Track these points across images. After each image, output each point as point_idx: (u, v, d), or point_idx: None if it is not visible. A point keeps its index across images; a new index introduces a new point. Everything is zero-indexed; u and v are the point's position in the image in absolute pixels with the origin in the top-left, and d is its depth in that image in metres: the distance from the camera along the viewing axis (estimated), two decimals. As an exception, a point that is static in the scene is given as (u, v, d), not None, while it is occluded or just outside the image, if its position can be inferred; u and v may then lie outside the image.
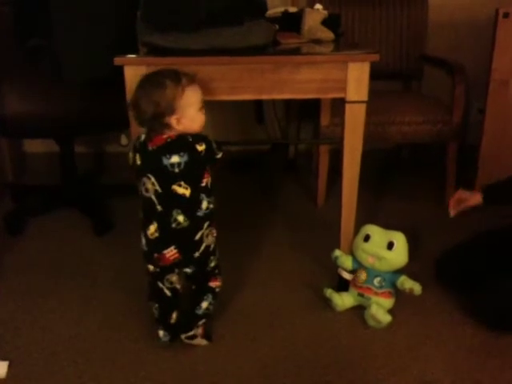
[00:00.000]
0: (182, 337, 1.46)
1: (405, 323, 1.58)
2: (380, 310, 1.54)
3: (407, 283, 1.56)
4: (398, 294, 1.61)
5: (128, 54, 1.49)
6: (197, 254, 1.38)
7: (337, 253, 1.69)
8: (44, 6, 1.73)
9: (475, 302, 1.59)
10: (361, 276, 1.60)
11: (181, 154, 1.30)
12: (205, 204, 1.36)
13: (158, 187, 1.32)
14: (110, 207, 2.29)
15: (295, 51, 1.62)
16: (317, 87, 1.53)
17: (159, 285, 1.44)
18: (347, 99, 1.54)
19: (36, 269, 1.87)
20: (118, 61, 1.46)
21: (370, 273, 1.59)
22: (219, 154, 1.39)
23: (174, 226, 1.33)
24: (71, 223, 2.19)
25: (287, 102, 2.75)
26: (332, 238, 1.76)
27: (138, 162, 1.36)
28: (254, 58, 1.50)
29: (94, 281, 1.80)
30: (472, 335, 1.52)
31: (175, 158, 1.30)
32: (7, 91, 1.94)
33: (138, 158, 1.36)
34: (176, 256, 1.36)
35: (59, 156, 2.23)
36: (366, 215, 2.10)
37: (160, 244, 1.36)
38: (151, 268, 1.41)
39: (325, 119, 2.12)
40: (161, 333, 1.46)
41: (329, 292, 1.63)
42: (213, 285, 1.47)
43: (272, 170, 2.80)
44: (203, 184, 1.35)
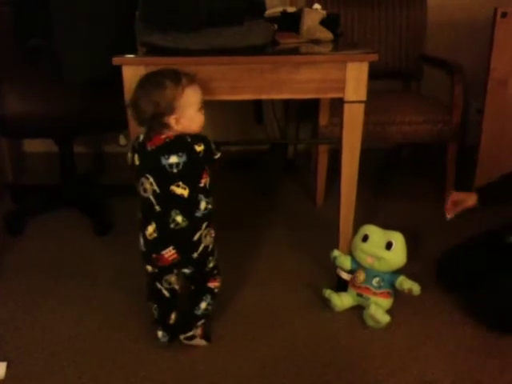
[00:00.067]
0: (181, 337, 1.46)
1: (404, 323, 1.58)
2: (379, 310, 1.54)
3: (406, 283, 1.56)
4: (398, 295, 1.61)
5: (127, 54, 1.48)
6: (195, 255, 1.38)
7: (335, 253, 1.69)
8: (44, 5, 1.73)
9: (475, 302, 1.59)
10: (359, 276, 1.60)
11: (179, 154, 1.30)
12: (203, 204, 1.35)
13: (156, 187, 1.32)
14: (109, 207, 2.29)
15: (294, 51, 1.62)
16: (316, 87, 1.53)
17: (158, 285, 1.44)
18: (346, 99, 1.54)
19: (36, 269, 1.87)
20: (116, 61, 1.45)
21: (369, 273, 1.59)
22: (217, 155, 1.39)
23: (172, 226, 1.33)
24: (71, 223, 2.19)
25: (286, 102, 2.75)
26: (331, 237, 1.76)
27: (137, 162, 1.36)
28: (253, 58, 1.50)
29: (94, 281, 1.80)
30: (472, 335, 1.52)
31: (174, 159, 1.30)
32: (7, 91, 1.94)
33: (136, 158, 1.36)
34: (174, 256, 1.36)
35: (59, 156, 2.23)
36: (365, 215, 2.10)
37: (158, 244, 1.36)
38: (150, 269, 1.42)
39: (323, 119, 2.12)
40: (160, 333, 1.46)
41: (328, 292, 1.63)
42: (211, 285, 1.47)
43: (271, 169, 2.80)
44: (201, 184, 1.35)
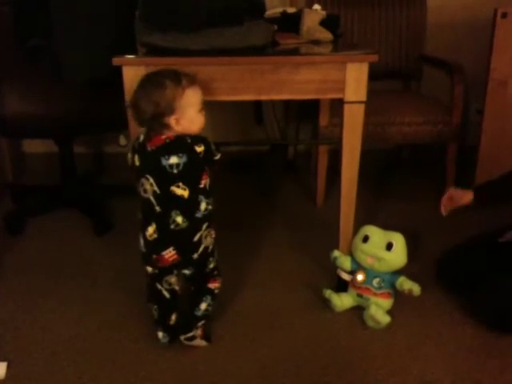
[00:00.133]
0: (182, 338, 1.46)
1: (404, 324, 1.57)
2: (379, 310, 1.54)
3: (406, 284, 1.56)
4: (398, 295, 1.61)
5: (127, 55, 1.48)
6: (195, 256, 1.38)
7: (336, 253, 1.69)
8: (44, 5, 1.73)
9: (475, 302, 1.59)
10: (360, 277, 1.60)
11: (179, 154, 1.30)
12: (203, 205, 1.35)
13: (156, 188, 1.32)
14: (109, 207, 2.29)
15: (294, 52, 1.62)
16: (316, 88, 1.53)
17: (158, 286, 1.44)
18: (346, 99, 1.54)
19: (36, 269, 1.87)
20: (116, 61, 1.45)
21: (369, 273, 1.59)
22: (218, 156, 1.39)
23: (172, 227, 1.33)
24: (71, 223, 2.19)
25: (286, 102, 2.75)
26: (331, 238, 1.76)
27: (137, 163, 1.36)
28: (253, 59, 1.50)
29: (94, 281, 1.80)
30: (472, 335, 1.52)
31: (174, 159, 1.30)
32: (7, 91, 1.94)
33: (136, 159, 1.36)
34: (175, 257, 1.36)
35: (59, 156, 2.23)
36: (365, 215, 2.10)
37: (159, 245, 1.36)
38: (150, 270, 1.41)
39: (324, 120, 2.12)
40: (160, 334, 1.46)
41: (328, 293, 1.63)
42: (212, 286, 1.47)
43: (271, 170, 2.80)
44: (202, 185, 1.35)
